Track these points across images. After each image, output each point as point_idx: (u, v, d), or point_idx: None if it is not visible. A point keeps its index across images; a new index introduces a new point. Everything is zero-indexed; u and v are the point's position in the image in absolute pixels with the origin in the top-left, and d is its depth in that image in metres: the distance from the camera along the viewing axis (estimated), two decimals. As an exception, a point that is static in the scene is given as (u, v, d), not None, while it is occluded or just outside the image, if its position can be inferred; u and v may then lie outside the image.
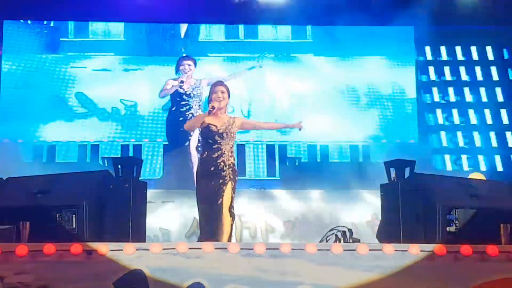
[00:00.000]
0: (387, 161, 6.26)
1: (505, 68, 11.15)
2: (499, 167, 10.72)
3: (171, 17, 10.61)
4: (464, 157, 10.83)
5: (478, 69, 11.14)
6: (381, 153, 10.18)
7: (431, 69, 11.14)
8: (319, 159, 10.58)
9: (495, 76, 11.10)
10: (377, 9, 9.89)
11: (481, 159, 10.74)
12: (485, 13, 10.30)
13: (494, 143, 10.83)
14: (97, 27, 10.79)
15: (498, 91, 11.03)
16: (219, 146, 6.23)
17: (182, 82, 10.07)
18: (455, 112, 10.98)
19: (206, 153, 6.27)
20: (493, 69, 11.13)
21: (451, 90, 11.07)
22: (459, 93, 11.06)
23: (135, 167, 6.02)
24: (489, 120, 10.89)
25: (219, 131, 6.24)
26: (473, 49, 11.21)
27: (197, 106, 9.94)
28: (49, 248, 4.73)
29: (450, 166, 10.78)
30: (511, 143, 10.87)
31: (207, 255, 4.80)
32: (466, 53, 11.22)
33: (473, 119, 10.96)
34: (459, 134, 10.91)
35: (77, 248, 4.75)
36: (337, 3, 9.87)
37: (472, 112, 10.97)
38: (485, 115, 10.91)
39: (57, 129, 10.36)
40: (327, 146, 10.62)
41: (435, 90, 11.09)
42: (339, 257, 4.83)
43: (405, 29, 10.76)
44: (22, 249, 4.73)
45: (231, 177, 6.17)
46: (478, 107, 10.96)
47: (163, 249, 4.80)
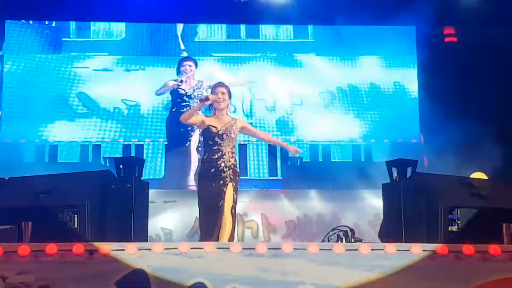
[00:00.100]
0: (389, 160, 6.26)
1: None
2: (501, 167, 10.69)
3: (173, 17, 10.63)
4: (464, 157, 10.79)
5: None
6: (383, 152, 10.18)
7: (433, 68, 11.12)
8: (321, 159, 10.56)
9: (496, 76, 11.09)
10: (379, 9, 9.89)
11: (483, 159, 10.71)
12: (487, 13, 10.29)
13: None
14: (98, 27, 10.78)
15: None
16: (219, 147, 6.21)
17: (181, 81, 10.06)
18: (457, 111, 10.95)
19: (206, 154, 6.26)
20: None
21: (453, 89, 11.05)
22: (461, 92, 11.04)
23: (137, 167, 6.02)
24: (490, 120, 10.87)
25: (219, 133, 6.23)
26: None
27: (197, 107, 9.92)
28: (51, 248, 4.74)
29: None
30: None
31: (209, 255, 4.80)
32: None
33: (475, 119, 10.93)
34: (460, 133, 10.88)
35: (79, 248, 4.75)
36: (339, 2, 9.89)
37: (473, 111, 10.94)
38: (485, 114, 10.88)
39: (59, 129, 10.35)
40: (329, 145, 10.61)
41: (437, 89, 11.06)
42: (341, 257, 4.82)
43: (407, 28, 10.75)
44: (24, 249, 4.73)
45: (231, 178, 6.14)
46: (479, 106, 10.94)
47: (165, 249, 4.80)
